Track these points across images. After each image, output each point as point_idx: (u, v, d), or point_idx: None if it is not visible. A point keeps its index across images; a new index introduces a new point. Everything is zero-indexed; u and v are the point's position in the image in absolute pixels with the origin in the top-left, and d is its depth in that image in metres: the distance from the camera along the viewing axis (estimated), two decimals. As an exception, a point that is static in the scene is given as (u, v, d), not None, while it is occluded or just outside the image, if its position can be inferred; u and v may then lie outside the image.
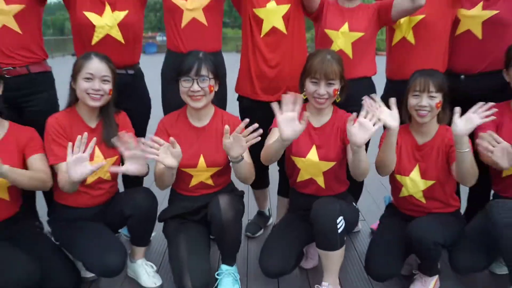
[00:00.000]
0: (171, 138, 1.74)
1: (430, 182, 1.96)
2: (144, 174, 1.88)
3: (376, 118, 1.74)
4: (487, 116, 1.73)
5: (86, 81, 1.88)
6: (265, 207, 2.76)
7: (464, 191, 2.29)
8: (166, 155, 1.74)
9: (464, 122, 1.72)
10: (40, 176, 1.81)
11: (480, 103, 1.76)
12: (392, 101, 1.85)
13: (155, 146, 1.73)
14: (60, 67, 3.48)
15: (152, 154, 1.72)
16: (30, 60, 2.20)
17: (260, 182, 2.57)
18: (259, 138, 1.77)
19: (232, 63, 2.65)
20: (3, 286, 1.70)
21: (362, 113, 1.76)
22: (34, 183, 1.78)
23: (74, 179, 1.69)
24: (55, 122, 1.89)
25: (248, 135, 1.75)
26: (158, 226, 2.18)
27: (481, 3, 2.24)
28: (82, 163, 1.67)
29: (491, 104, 1.75)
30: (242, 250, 2.37)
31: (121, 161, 1.95)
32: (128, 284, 2.11)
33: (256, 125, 1.74)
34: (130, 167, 1.77)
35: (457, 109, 1.75)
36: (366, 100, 1.81)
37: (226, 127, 1.76)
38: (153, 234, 2.33)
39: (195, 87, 1.92)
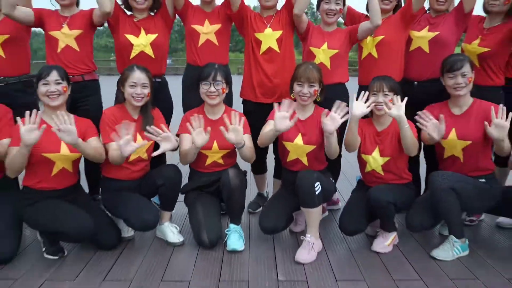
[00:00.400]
0: (208, 128, 2.42)
1: (387, 159, 2.62)
2: (175, 149, 2.54)
3: (344, 112, 2.41)
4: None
5: (131, 87, 2.56)
6: (263, 190, 3.40)
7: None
8: (197, 136, 2.42)
9: (396, 109, 2.41)
10: (98, 151, 2.47)
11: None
12: (364, 96, 2.52)
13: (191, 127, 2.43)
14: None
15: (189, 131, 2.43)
16: (84, 71, 2.89)
17: (260, 168, 3.26)
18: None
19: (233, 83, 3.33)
20: (67, 232, 2.33)
21: (333, 109, 2.43)
22: (95, 155, 2.44)
23: (124, 154, 2.35)
24: (110, 113, 2.57)
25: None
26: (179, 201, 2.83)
27: (427, 27, 2.94)
28: (129, 142, 2.33)
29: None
30: (245, 221, 3.01)
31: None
32: (157, 243, 2.73)
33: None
34: (165, 146, 2.44)
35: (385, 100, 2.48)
36: (337, 102, 2.48)
37: (226, 121, 2.44)
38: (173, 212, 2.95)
39: (212, 88, 2.61)
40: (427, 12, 3.06)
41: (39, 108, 2.63)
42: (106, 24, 3.03)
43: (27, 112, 2.20)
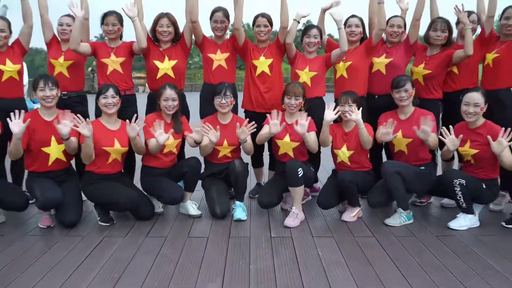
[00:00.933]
0: (218, 127, 3.37)
1: (352, 152, 3.54)
2: (201, 140, 3.49)
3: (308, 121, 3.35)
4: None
5: (165, 101, 3.50)
6: (261, 180, 4.32)
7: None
8: (212, 136, 3.35)
9: (355, 115, 3.35)
10: (144, 146, 3.40)
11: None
12: (331, 106, 3.46)
13: (206, 129, 3.35)
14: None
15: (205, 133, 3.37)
16: (125, 88, 3.83)
17: (258, 162, 4.18)
18: (255, 130, 3.40)
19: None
20: (118, 202, 3.26)
21: (301, 120, 3.37)
22: (142, 149, 3.39)
23: (160, 142, 3.29)
24: (151, 117, 3.51)
25: (248, 128, 3.39)
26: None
27: (384, 54, 3.91)
28: (161, 134, 3.27)
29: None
30: (247, 203, 3.90)
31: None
32: (181, 216, 3.62)
33: (253, 122, 3.37)
34: (195, 136, 3.41)
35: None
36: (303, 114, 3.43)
37: (237, 124, 3.38)
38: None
39: (223, 101, 3.56)
40: (385, 43, 4.03)
41: (89, 116, 3.59)
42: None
43: (87, 120, 3.17)
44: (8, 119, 3.06)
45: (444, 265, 2.71)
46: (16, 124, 3.03)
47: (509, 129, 3.13)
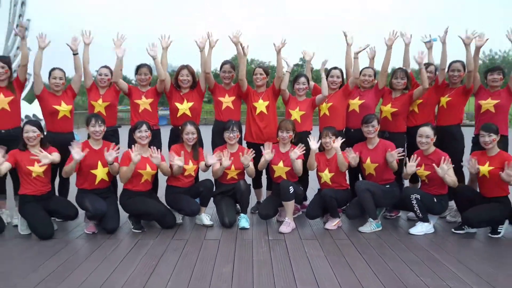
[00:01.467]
0: (231, 158, 4.38)
1: (332, 174, 4.49)
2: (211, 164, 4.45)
3: (300, 150, 4.31)
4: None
5: (186, 135, 4.47)
6: (260, 199, 5.22)
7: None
8: (224, 162, 4.32)
9: (335, 145, 4.31)
10: (169, 169, 4.35)
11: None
12: (315, 138, 4.43)
13: (218, 156, 4.33)
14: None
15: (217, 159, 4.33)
16: (153, 124, 4.80)
17: (258, 184, 5.13)
18: (254, 155, 4.40)
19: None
20: (151, 212, 4.20)
21: (296, 149, 4.34)
22: (168, 172, 4.34)
23: (181, 165, 4.23)
24: (175, 147, 4.47)
25: (249, 155, 4.38)
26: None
27: (358, 97, 4.93)
28: (182, 162, 4.23)
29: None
30: (250, 216, 4.79)
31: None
32: (197, 226, 4.51)
33: (252, 150, 4.39)
34: (210, 161, 4.37)
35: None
36: (300, 144, 4.40)
37: (240, 154, 4.36)
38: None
39: (231, 135, 4.54)
40: (359, 88, 5.04)
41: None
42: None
43: (133, 146, 4.13)
44: (70, 148, 4.04)
45: (398, 256, 3.61)
46: (76, 152, 4.00)
47: (447, 157, 4.12)
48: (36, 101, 5.19)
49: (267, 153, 4.42)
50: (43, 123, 4.78)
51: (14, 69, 5.05)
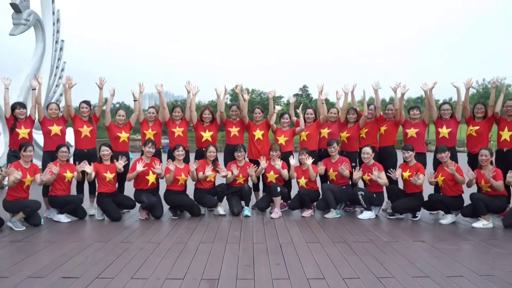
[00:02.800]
0: (238, 169, 6.47)
1: (306, 180, 6.55)
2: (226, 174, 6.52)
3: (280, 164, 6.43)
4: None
5: (209, 153, 6.56)
6: (258, 198, 7.23)
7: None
8: (234, 172, 6.42)
9: (308, 161, 6.43)
10: (195, 177, 6.44)
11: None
12: (294, 157, 6.53)
13: (224, 173, 6.43)
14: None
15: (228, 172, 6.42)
16: (185, 146, 6.91)
17: (256, 188, 7.18)
18: (256, 167, 6.50)
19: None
20: (185, 204, 6.25)
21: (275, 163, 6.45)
22: (195, 179, 6.42)
23: (207, 174, 6.32)
24: (201, 162, 6.54)
25: (252, 168, 6.48)
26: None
27: (327, 127, 7.07)
28: (209, 172, 6.33)
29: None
30: (250, 209, 6.82)
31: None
32: (215, 216, 6.52)
33: (252, 164, 6.53)
34: (223, 173, 6.45)
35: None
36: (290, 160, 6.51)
37: (247, 167, 6.47)
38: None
39: (239, 154, 6.65)
40: (327, 121, 7.16)
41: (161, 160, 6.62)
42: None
43: (170, 161, 6.24)
44: (137, 162, 6.15)
45: (348, 231, 5.62)
46: (140, 166, 6.11)
47: (381, 167, 6.22)
48: (69, 131, 7.43)
49: (263, 163, 6.50)
50: (72, 149, 6.95)
51: (62, 108, 7.23)
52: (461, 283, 3.54)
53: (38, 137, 9.82)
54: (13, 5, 11.71)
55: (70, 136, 7.54)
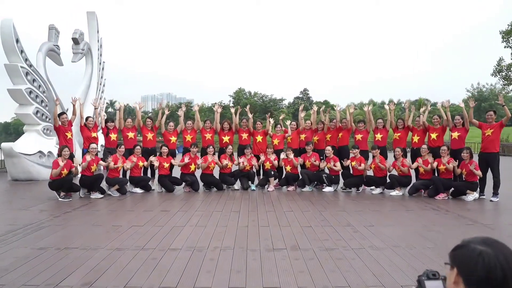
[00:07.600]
0: (245, 160, 9.60)
1: (290, 167, 9.61)
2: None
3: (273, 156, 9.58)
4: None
5: (228, 150, 9.66)
6: (259, 179, 10.37)
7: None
8: (245, 163, 9.57)
9: (291, 156, 9.60)
10: (220, 165, 9.60)
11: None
12: (283, 154, 9.68)
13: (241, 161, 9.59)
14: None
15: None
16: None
17: (258, 173, 10.30)
18: (257, 159, 9.68)
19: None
20: (212, 182, 9.39)
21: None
22: (220, 166, 9.60)
23: (225, 164, 9.48)
24: (223, 156, 9.70)
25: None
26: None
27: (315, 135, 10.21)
28: (229, 163, 9.48)
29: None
30: (256, 187, 9.96)
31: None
32: (232, 190, 9.66)
33: (255, 158, 9.69)
34: (236, 163, 9.61)
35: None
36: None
37: (252, 159, 9.64)
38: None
39: (247, 151, 9.71)
40: (317, 130, 10.29)
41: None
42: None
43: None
44: (184, 157, 9.31)
45: (315, 196, 8.78)
46: (186, 158, 9.28)
47: (337, 159, 9.40)
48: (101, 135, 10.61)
49: (262, 157, 9.57)
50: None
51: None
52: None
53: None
54: (74, 39, 14.81)
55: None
